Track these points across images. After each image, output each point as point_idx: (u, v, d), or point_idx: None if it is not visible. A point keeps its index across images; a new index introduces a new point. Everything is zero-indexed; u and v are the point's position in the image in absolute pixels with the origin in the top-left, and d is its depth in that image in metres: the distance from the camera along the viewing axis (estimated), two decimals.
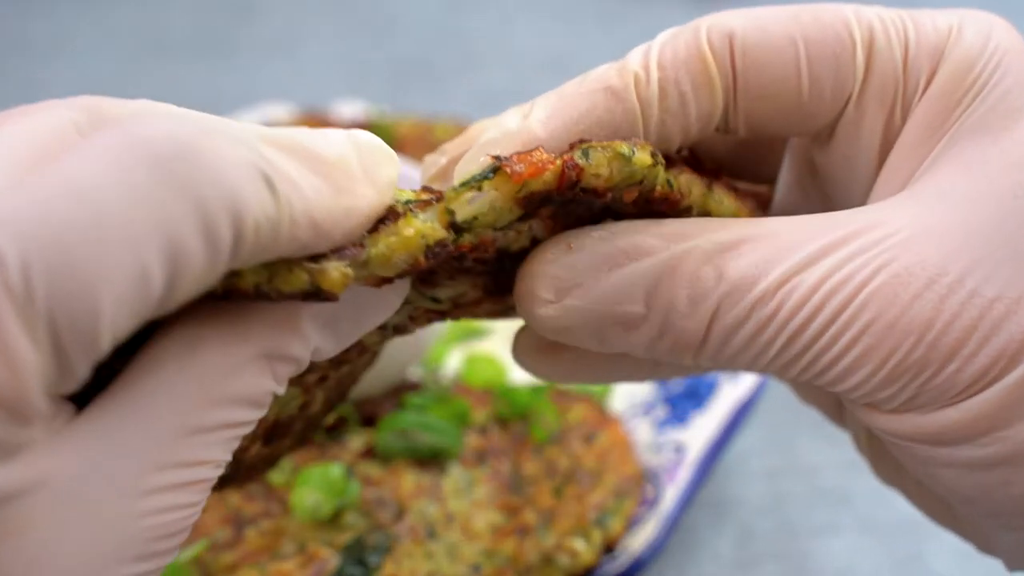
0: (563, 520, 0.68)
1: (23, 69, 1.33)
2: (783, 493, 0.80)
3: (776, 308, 0.38)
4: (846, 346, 0.38)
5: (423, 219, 0.37)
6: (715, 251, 0.39)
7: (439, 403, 0.74)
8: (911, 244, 0.39)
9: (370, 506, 0.68)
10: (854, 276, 0.38)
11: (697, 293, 0.39)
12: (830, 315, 0.38)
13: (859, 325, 0.38)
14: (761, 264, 0.39)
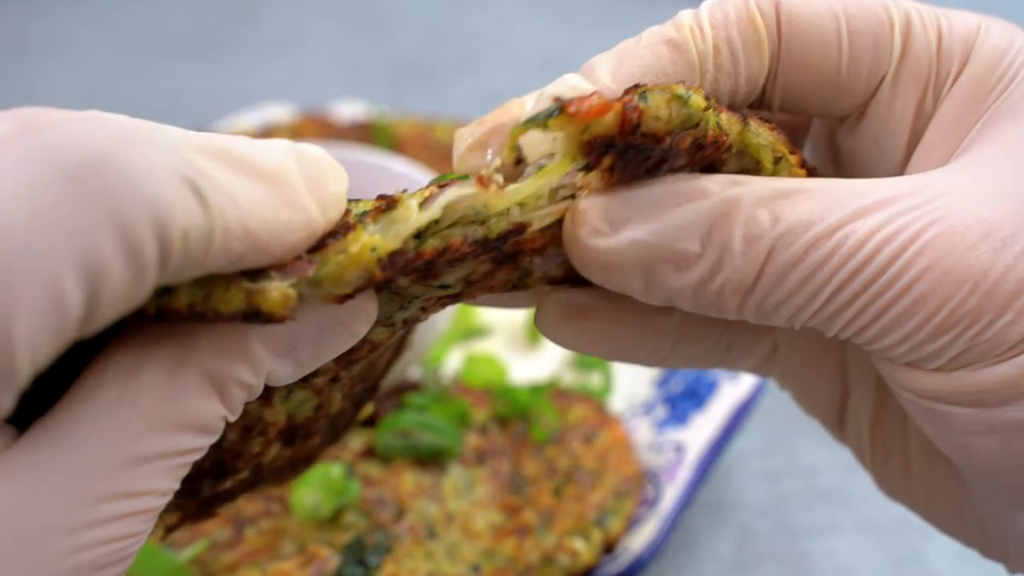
0: (563, 520, 0.68)
1: (22, 69, 1.33)
2: (783, 493, 0.80)
3: (830, 252, 0.38)
4: (899, 293, 0.38)
5: (373, 230, 0.35)
6: (771, 196, 0.39)
7: (439, 403, 0.74)
8: (964, 202, 0.39)
9: (370, 506, 0.68)
10: (909, 226, 0.38)
11: (752, 233, 0.39)
12: (884, 261, 0.38)
13: (913, 272, 0.38)
14: (817, 210, 0.39)
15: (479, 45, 1.41)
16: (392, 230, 0.36)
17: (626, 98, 0.37)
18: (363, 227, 0.35)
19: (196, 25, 1.43)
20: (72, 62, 1.35)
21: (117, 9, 1.46)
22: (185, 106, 1.26)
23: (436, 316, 0.74)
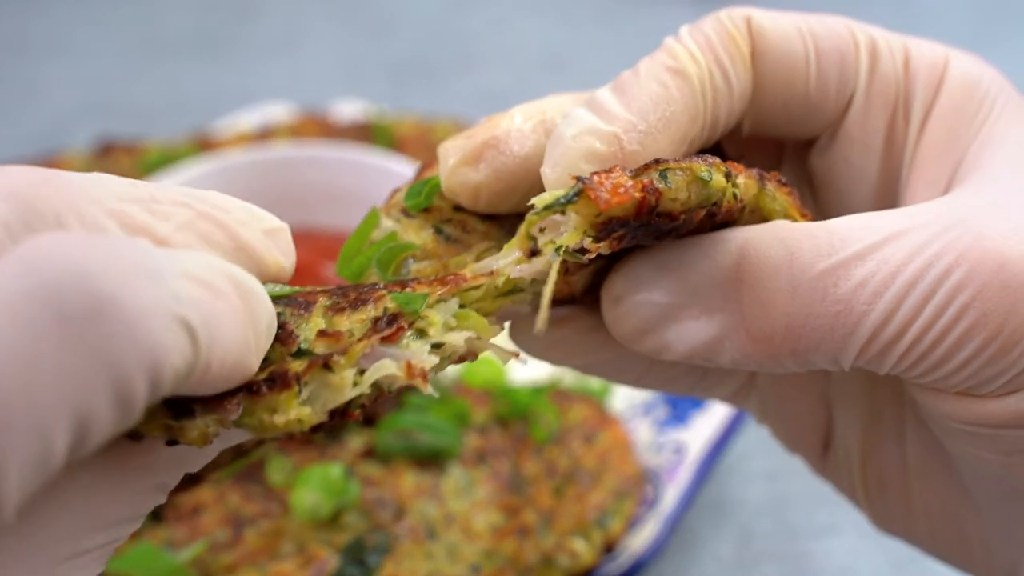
0: (563, 520, 0.68)
1: (23, 69, 1.33)
2: (783, 494, 0.80)
3: (866, 279, 0.38)
4: (956, 315, 0.37)
5: (304, 398, 0.35)
6: (788, 235, 0.39)
7: (439, 403, 0.74)
8: (994, 219, 0.38)
9: (370, 506, 0.68)
10: (948, 249, 0.38)
11: (773, 274, 0.39)
12: (931, 285, 0.37)
13: (969, 292, 0.37)
14: (836, 243, 0.38)
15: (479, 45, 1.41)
16: (322, 399, 0.36)
17: (646, 180, 0.37)
18: (295, 393, 0.35)
19: (196, 25, 1.43)
20: (72, 62, 1.35)
21: (117, 9, 1.46)
22: (185, 106, 1.26)
23: None
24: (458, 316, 0.40)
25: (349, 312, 0.39)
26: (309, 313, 0.38)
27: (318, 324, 0.38)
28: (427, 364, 0.38)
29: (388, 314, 0.38)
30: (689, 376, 0.48)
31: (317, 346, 0.37)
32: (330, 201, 0.86)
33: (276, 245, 0.38)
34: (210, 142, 1.00)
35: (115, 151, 1.00)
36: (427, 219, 0.44)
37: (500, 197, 0.43)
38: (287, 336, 0.37)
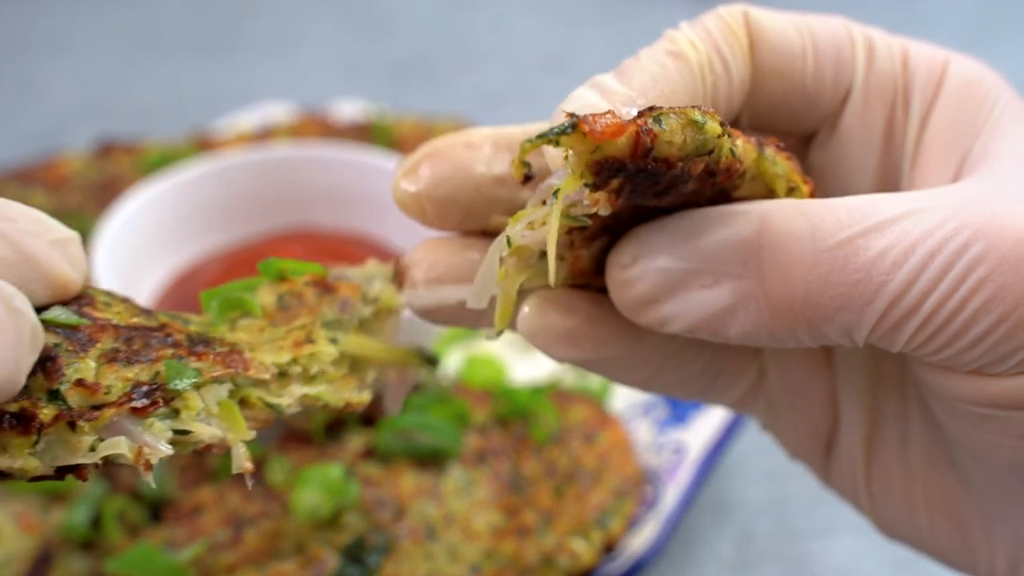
0: (563, 520, 0.68)
1: (22, 68, 1.33)
2: (783, 494, 0.80)
3: (885, 250, 0.38)
4: (973, 288, 0.38)
5: (41, 448, 0.36)
6: (806, 209, 0.40)
7: (439, 403, 0.74)
8: (1008, 202, 0.39)
9: (370, 506, 0.68)
10: (965, 226, 0.38)
11: (796, 242, 0.39)
12: (948, 258, 0.38)
13: (986, 267, 0.38)
14: (857, 217, 0.39)
15: (479, 45, 1.41)
16: (54, 453, 0.37)
17: (640, 120, 0.36)
18: (31, 442, 0.36)
19: (196, 25, 1.43)
20: (73, 61, 1.35)
21: (117, 9, 1.46)
22: (185, 105, 1.26)
23: None
24: (223, 405, 0.41)
25: (121, 365, 0.39)
26: (85, 353, 0.39)
27: (87, 369, 0.38)
28: (155, 456, 0.38)
29: (151, 383, 0.39)
30: (700, 377, 0.47)
31: (71, 394, 0.38)
32: (330, 201, 0.86)
33: (65, 256, 0.38)
34: (210, 142, 1.00)
35: (115, 151, 1.00)
36: (275, 286, 0.46)
37: (443, 208, 0.43)
38: (54, 370, 0.38)
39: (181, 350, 0.40)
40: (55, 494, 0.69)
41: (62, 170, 0.98)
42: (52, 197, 0.96)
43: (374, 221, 0.85)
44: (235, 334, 0.44)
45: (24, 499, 0.68)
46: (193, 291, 0.81)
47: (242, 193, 0.69)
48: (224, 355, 0.41)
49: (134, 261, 0.81)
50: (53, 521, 0.68)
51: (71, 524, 0.67)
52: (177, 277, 0.83)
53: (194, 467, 0.72)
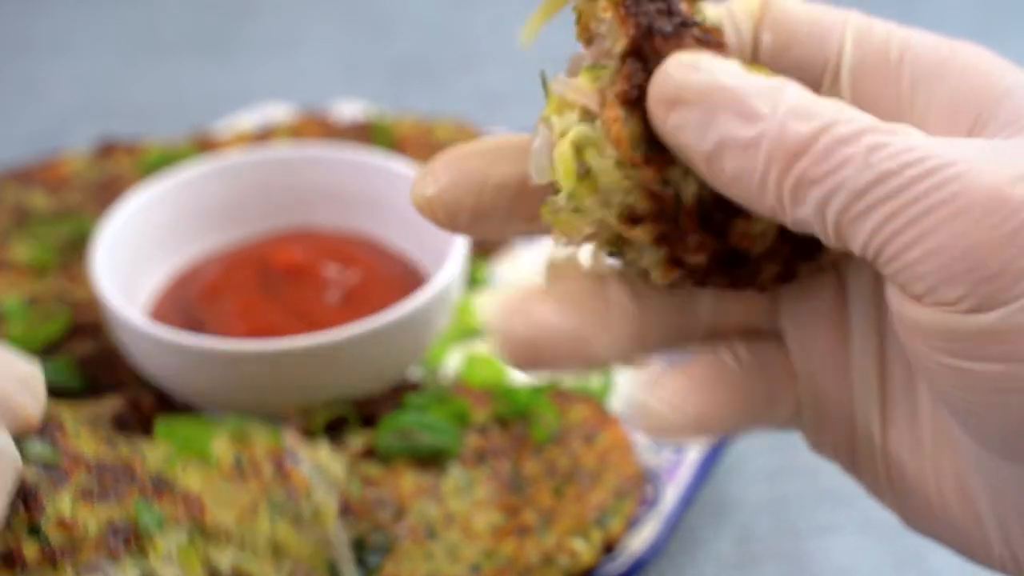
0: (563, 520, 0.68)
1: (23, 68, 1.33)
2: (783, 493, 0.80)
3: (880, 144, 0.39)
4: (945, 199, 0.38)
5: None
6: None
7: (439, 403, 0.74)
8: (995, 153, 0.40)
9: (370, 506, 0.68)
10: (958, 158, 0.39)
11: (812, 109, 0.40)
12: (932, 167, 0.39)
13: (961, 184, 0.38)
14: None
15: (479, 45, 1.41)
16: None
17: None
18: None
19: (196, 25, 1.43)
20: (73, 61, 1.35)
21: (117, 9, 1.46)
22: (185, 106, 1.26)
23: (436, 316, 0.74)
24: (181, 552, 0.43)
25: (95, 503, 0.42)
26: (61, 487, 0.41)
27: (63, 507, 0.40)
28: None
29: (124, 525, 0.41)
30: (766, 409, 0.48)
31: (52, 532, 0.40)
32: (330, 201, 0.86)
33: (30, 391, 0.40)
34: (210, 142, 1.00)
35: (115, 151, 1.00)
36: (234, 445, 0.52)
37: (452, 213, 0.46)
38: (35, 506, 0.40)
39: (147, 491, 0.42)
40: None
41: (62, 170, 0.98)
42: (52, 197, 0.96)
43: (374, 221, 0.85)
44: (187, 476, 0.46)
45: None
46: (193, 292, 0.81)
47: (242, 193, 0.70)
48: (185, 500, 0.44)
49: (134, 261, 0.81)
50: None
51: None
52: (177, 277, 0.83)
53: None
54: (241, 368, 0.70)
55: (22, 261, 0.88)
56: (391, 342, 0.72)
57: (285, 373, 0.70)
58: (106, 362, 0.80)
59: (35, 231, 0.92)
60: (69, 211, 0.94)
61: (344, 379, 0.72)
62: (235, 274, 0.75)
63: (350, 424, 0.74)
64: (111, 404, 0.75)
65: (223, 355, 0.70)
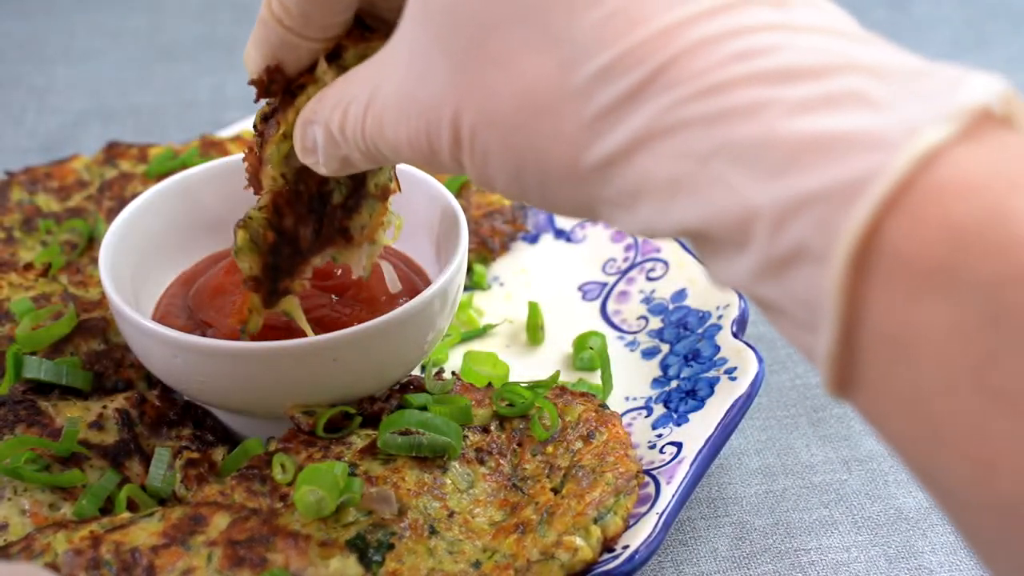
0: (563, 517, 0.68)
1: (32, 73, 1.34)
2: (779, 491, 0.80)
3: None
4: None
5: None
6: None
7: (440, 402, 0.74)
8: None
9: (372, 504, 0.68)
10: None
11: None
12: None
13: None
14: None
15: None
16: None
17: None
18: None
19: (203, 28, 1.44)
20: (83, 66, 1.36)
21: (125, 15, 1.47)
22: (191, 110, 1.27)
23: (436, 316, 0.74)
24: None
25: None
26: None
27: None
28: None
29: None
30: None
31: None
32: None
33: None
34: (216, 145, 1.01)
35: (122, 154, 1.01)
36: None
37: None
38: None
39: None
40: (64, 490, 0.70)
41: (70, 173, 0.99)
42: (60, 199, 0.97)
43: None
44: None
45: (33, 494, 0.69)
46: (198, 292, 0.81)
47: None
48: None
49: (141, 262, 0.81)
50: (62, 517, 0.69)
51: (80, 510, 0.68)
52: (183, 278, 0.84)
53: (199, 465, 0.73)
54: (244, 367, 0.71)
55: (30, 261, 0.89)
56: (391, 342, 0.73)
57: (286, 373, 0.71)
58: (112, 361, 0.80)
59: (43, 232, 0.93)
60: (77, 213, 0.95)
61: (344, 379, 0.72)
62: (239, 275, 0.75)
63: (353, 423, 0.74)
64: (117, 402, 0.76)
65: (226, 354, 0.70)
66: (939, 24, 1.41)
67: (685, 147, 0.41)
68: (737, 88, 0.40)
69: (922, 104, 0.38)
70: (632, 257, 0.93)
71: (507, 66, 0.45)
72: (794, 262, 0.39)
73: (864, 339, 0.38)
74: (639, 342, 0.87)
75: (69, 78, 1.34)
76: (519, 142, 0.46)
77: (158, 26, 1.45)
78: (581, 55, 0.43)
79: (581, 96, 0.44)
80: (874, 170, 0.37)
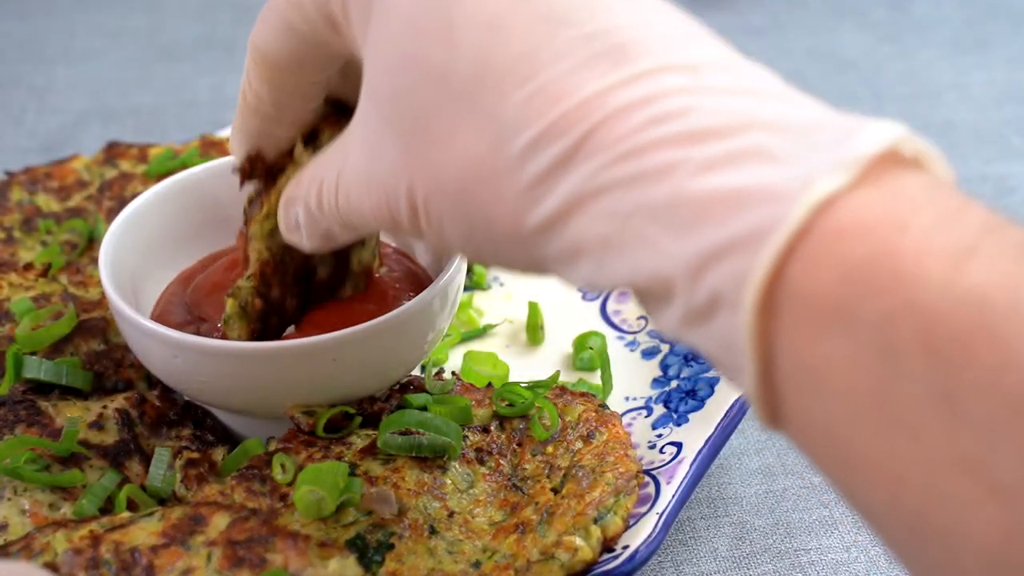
0: (563, 517, 0.68)
1: (32, 73, 1.34)
2: (779, 491, 0.80)
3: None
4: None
5: None
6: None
7: (440, 402, 0.74)
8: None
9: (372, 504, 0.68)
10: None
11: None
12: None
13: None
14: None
15: None
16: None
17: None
18: None
19: (203, 28, 1.44)
20: (83, 66, 1.36)
21: (125, 15, 1.47)
22: (193, 109, 1.27)
23: (436, 316, 0.75)
24: None
25: None
26: None
27: None
28: None
29: None
30: None
31: None
32: None
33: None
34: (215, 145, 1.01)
35: (122, 154, 1.01)
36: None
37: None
38: None
39: None
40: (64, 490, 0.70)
41: (70, 173, 0.99)
42: (60, 200, 0.97)
43: None
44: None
45: (33, 494, 0.69)
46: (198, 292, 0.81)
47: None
48: None
49: (140, 262, 0.81)
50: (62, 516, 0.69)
51: (80, 509, 0.68)
52: (182, 277, 0.84)
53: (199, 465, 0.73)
54: (244, 367, 0.71)
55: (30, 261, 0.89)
56: (391, 342, 0.73)
57: (286, 373, 0.71)
58: (112, 361, 0.80)
59: (43, 232, 0.93)
60: (77, 213, 0.95)
61: (345, 379, 0.72)
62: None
63: (353, 423, 0.74)
64: (117, 402, 0.76)
65: (227, 355, 0.70)
66: (939, 24, 1.41)
67: (610, 208, 0.45)
68: (650, 151, 0.43)
69: (819, 155, 0.41)
70: None
71: (448, 143, 0.49)
72: (713, 310, 0.42)
73: (779, 376, 0.41)
74: (639, 342, 0.87)
75: (69, 78, 1.34)
76: (467, 210, 0.50)
77: (158, 26, 1.45)
78: (511, 131, 0.47)
79: (516, 167, 0.47)
80: (775, 220, 0.40)
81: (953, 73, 1.31)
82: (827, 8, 1.48)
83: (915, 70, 1.33)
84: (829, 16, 1.48)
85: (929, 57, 1.34)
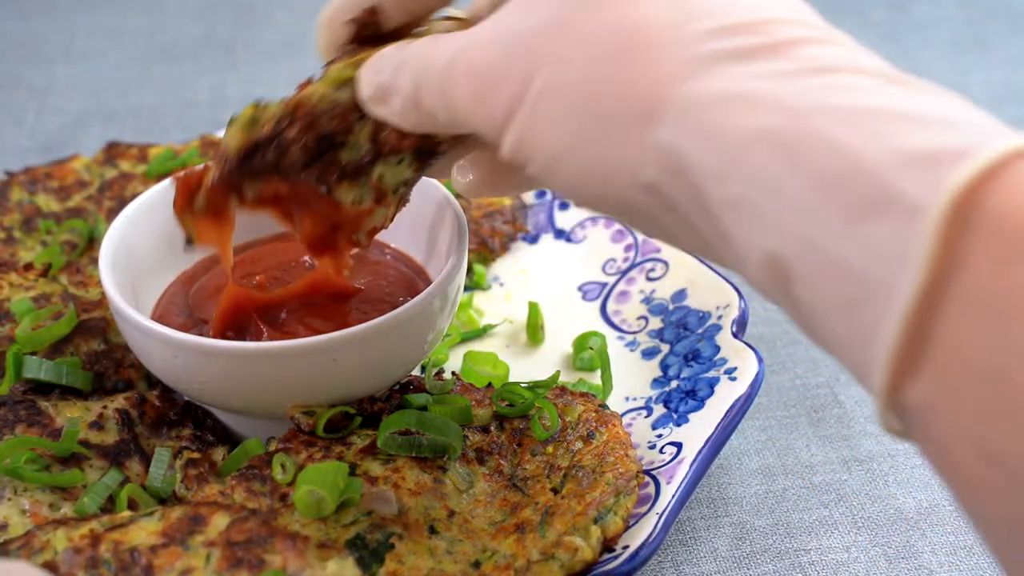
0: (563, 517, 0.68)
1: (35, 73, 1.34)
2: (779, 491, 0.80)
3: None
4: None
5: None
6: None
7: (440, 402, 0.74)
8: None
9: (372, 504, 0.68)
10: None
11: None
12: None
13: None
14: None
15: None
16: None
17: None
18: None
19: (203, 29, 1.44)
20: (83, 66, 1.36)
21: (125, 15, 1.47)
22: (193, 109, 1.27)
23: (436, 316, 0.75)
24: None
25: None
26: None
27: None
28: None
29: None
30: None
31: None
32: None
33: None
34: (217, 145, 1.01)
35: (122, 154, 1.01)
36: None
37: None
38: None
39: None
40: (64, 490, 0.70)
41: (70, 173, 0.99)
42: (60, 200, 0.97)
43: None
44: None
45: (33, 494, 0.69)
46: (198, 292, 0.81)
47: None
48: None
49: (141, 262, 0.81)
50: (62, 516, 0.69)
51: (81, 507, 0.68)
52: (182, 278, 0.84)
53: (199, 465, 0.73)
54: (244, 367, 0.71)
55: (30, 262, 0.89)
56: (391, 342, 0.73)
57: (286, 373, 0.71)
58: (112, 361, 0.80)
59: (43, 232, 0.93)
60: (77, 213, 0.95)
61: (344, 379, 0.73)
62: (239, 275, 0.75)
63: (353, 423, 0.74)
64: (117, 402, 0.76)
65: (227, 355, 0.70)
66: (939, 24, 1.41)
67: (787, 103, 0.45)
68: (843, 73, 0.45)
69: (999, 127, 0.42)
70: (632, 257, 0.93)
71: (616, 6, 0.49)
72: (888, 209, 0.40)
73: (949, 295, 0.38)
74: (639, 342, 0.87)
75: (69, 78, 1.34)
76: (603, 71, 0.49)
77: (158, 26, 1.45)
78: (703, 13, 0.48)
79: (692, 41, 0.48)
80: (977, 144, 0.39)
81: (953, 73, 1.31)
82: (827, 8, 1.48)
83: (915, 70, 1.32)
84: (829, 16, 1.47)
85: (929, 57, 1.34)
